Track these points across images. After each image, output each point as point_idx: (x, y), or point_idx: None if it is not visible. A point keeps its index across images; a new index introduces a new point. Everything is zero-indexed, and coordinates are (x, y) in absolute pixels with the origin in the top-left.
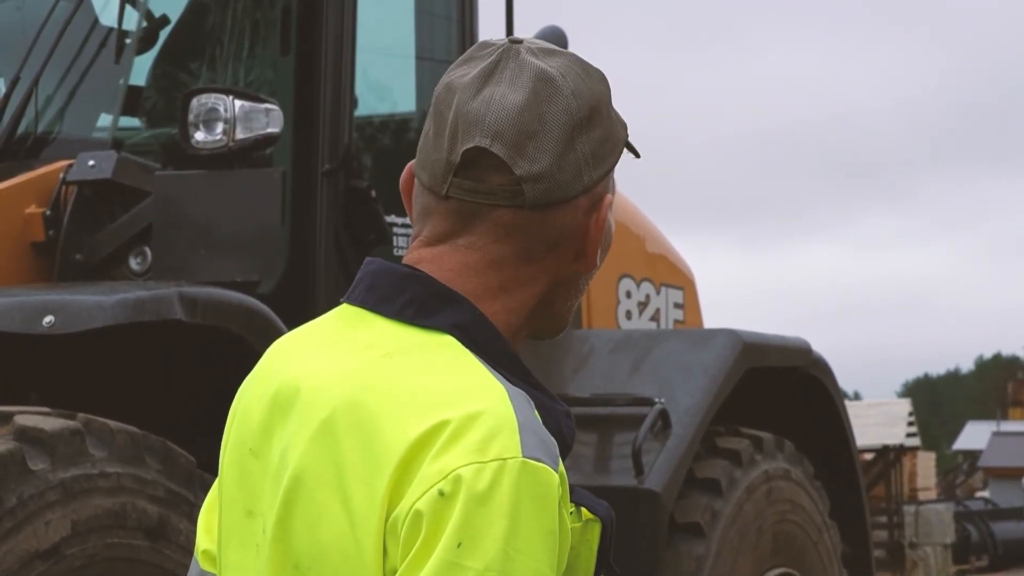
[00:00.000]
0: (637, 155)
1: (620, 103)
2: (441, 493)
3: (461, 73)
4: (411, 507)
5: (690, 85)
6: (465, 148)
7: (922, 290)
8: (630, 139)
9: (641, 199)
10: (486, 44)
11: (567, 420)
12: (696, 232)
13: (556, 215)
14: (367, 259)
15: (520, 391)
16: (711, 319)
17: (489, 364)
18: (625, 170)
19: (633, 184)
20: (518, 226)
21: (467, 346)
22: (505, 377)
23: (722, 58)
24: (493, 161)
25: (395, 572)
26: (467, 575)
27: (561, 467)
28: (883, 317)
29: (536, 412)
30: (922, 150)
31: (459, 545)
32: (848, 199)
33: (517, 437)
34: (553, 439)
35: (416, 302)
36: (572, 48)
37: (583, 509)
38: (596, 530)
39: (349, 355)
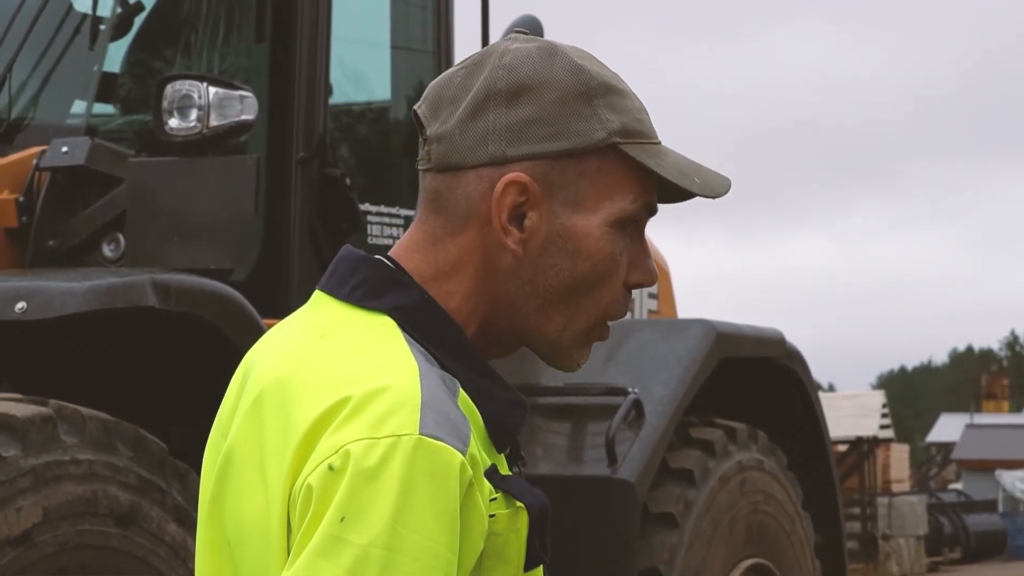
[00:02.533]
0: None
1: None
2: (331, 468)
3: None
4: (304, 482)
5: (682, 73)
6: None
7: (901, 282)
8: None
9: None
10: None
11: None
12: (685, 222)
13: (460, 181)
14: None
15: (437, 372)
16: (696, 309)
17: (429, 347)
18: None
19: None
20: (438, 192)
21: (405, 328)
22: (444, 361)
23: (715, 47)
24: (421, 124)
25: None
26: (351, 550)
27: (476, 450)
28: (860, 309)
29: (459, 395)
30: (913, 142)
31: (343, 519)
32: (837, 190)
33: (417, 415)
34: (466, 420)
35: (365, 284)
36: (552, 36)
37: (510, 496)
38: (524, 518)
39: (295, 337)
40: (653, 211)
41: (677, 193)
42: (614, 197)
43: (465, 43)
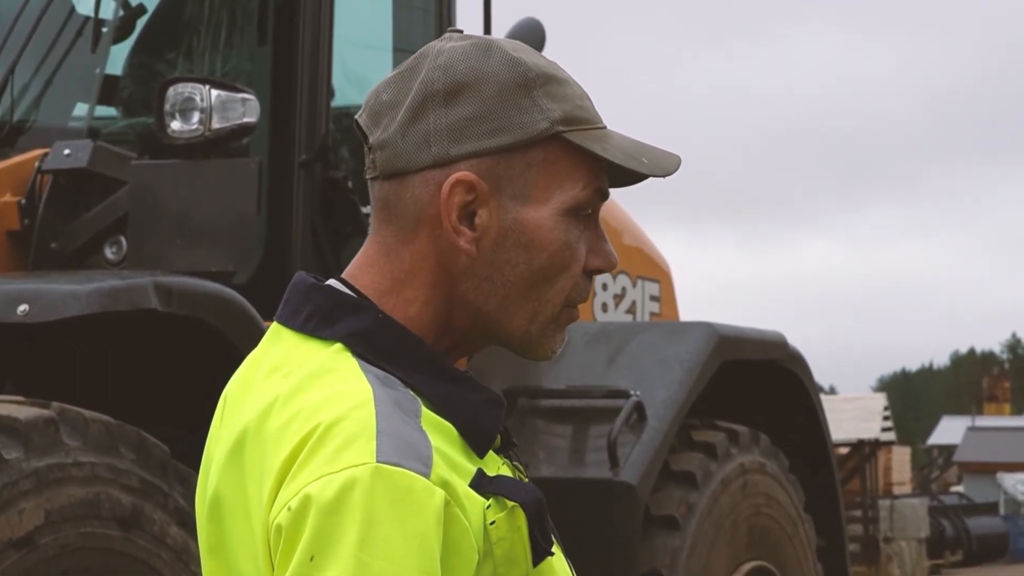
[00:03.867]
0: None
1: (623, 93)
2: (289, 509)
3: None
4: (273, 523)
5: (693, 76)
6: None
7: (903, 285)
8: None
9: (641, 190)
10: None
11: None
12: (698, 225)
13: (407, 186)
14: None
15: (394, 395)
16: (705, 311)
17: (389, 367)
18: None
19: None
20: (387, 200)
21: (363, 353)
22: (407, 378)
23: (727, 49)
24: (364, 133)
25: None
26: None
27: (444, 470)
28: (862, 312)
29: (422, 414)
30: (926, 145)
31: (312, 559)
32: (848, 194)
33: (372, 443)
34: (428, 442)
35: (319, 313)
36: (563, 40)
37: (502, 498)
38: (521, 516)
39: (261, 378)
40: (605, 196)
41: (627, 176)
42: (563, 186)
43: None
